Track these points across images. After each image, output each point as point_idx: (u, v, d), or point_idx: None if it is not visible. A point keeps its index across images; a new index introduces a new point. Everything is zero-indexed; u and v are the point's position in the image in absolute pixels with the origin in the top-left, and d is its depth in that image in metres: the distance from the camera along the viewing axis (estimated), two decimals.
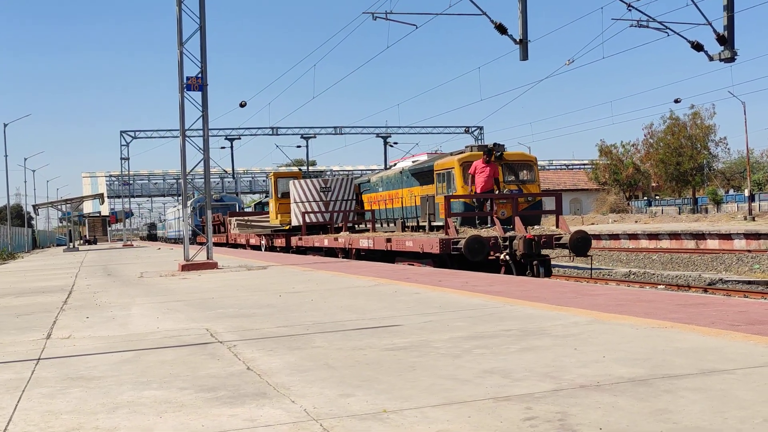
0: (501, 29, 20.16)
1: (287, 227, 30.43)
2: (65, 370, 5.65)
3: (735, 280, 21.39)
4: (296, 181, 29.13)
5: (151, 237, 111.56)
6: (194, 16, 18.24)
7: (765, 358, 4.94)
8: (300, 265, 18.11)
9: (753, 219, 47.54)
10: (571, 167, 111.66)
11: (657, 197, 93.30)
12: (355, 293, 10.50)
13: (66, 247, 53.84)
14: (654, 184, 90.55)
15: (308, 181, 28.85)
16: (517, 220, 17.66)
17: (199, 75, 18.27)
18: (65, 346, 6.84)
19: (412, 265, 17.81)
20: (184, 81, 18.11)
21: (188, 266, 17.59)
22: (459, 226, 19.99)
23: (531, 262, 16.82)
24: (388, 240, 19.85)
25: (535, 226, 20.15)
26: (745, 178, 72.21)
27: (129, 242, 63.56)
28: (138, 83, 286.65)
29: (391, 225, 25.77)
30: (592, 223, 57.99)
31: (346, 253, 23.43)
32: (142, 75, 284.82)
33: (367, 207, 29.02)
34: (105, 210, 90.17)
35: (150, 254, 33.20)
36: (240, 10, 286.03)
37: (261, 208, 49.65)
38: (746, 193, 60.36)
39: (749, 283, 21.06)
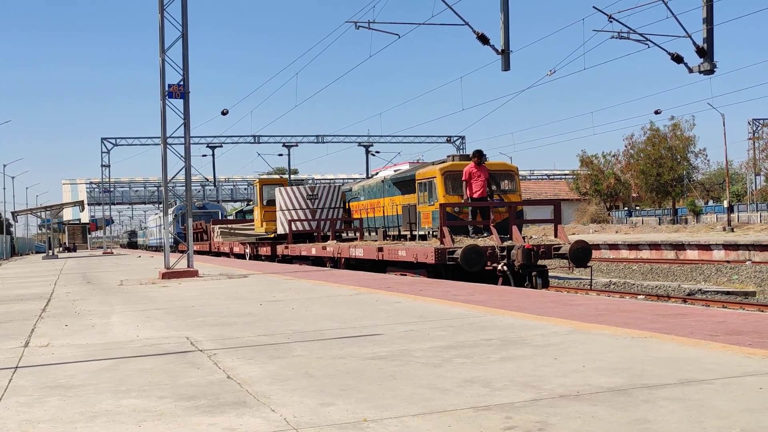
0: (483, 39, 20.26)
1: (272, 235, 29.86)
2: (43, 379, 5.61)
3: (714, 291, 21.53)
4: (282, 188, 28.60)
5: (132, 245, 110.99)
6: (176, 23, 18.22)
7: (743, 368, 4.98)
8: (281, 273, 18.08)
9: (732, 230, 47.91)
10: (552, 177, 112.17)
11: (637, 208, 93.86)
12: (336, 302, 10.49)
13: (45, 254, 53.47)
14: (634, 195, 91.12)
15: (294, 188, 28.35)
16: (515, 229, 17.20)
17: (181, 82, 18.22)
18: (43, 355, 6.79)
19: (405, 275, 17.38)
20: (166, 88, 18.06)
21: (169, 274, 17.51)
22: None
23: (530, 272, 16.19)
24: (380, 249, 19.25)
25: (533, 237, 20.06)
26: (724, 190, 72.81)
27: (109, 250, 63.24)
28: (119, 91, 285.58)
29: (373, 234, 25.70)
30: (573, 233, 58.19)
31: (335, 262, 22.86)
32: (124, 84, 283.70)
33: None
34: (85, 217, 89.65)
35: (130, 262, 33.03)
36: (222, 21, 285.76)
37: (242, 216, 49.40)
38: (725, 204, 60.81)
39: (728, 293, 21.21)
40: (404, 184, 23.46)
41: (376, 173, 36.56)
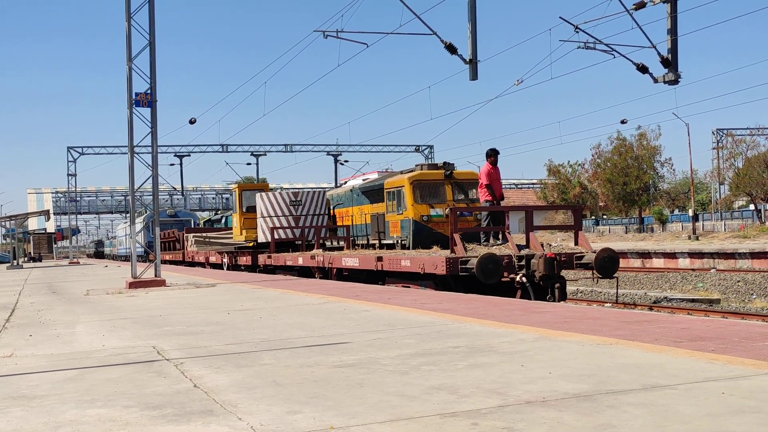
0: (451, 49, 20.35)
1: (251, 244, 28.23)
2: (6, 389, 5.54)
3: (679, 298, 21.76)
4: (263, 193, 27.00)
5: (98, 254, 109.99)
6: (144, 31, 18.12)
7: (706, 374, 5.04)
8: (249, 282, 18.01)
9: (697, 238, 48.47)
10: (520, 186, 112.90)
11: (604, 216, 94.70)
12: (304, 311, 10.47)
13: (10, 264, 52.78)
14: (601, 204, 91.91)
15: (277, 193, 26.92)
16: (533, 236, 15.71)
17: (149, 91, 18.12)
18: (7, 365, 6.70)
19: (407, 287, 16.11)
20: (133, 97, 17.95)
21: (136, 284, 17.38)
22: (409, 247, 20.05)
23: (552, 284, 14.64)
24: (379, 258, 17.53)
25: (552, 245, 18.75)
26: (689, 199, 73.72)
27: (75, 259, 62.63)
28: (86, 99, 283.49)
29: (341, 243, 25.67)
30: (540, 243, 58.51)
31: (325, 272, 21.39)
32: (90, 92, 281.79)
33: None
34: (51, 227, 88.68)
35: (97, 272, 32.72)
36: (190, 29, 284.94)
37: (210, 225, 49.02)
38: (690, 212, 61.60)
39: (693, 301, 21.44)
40: (373, 193, 23.50)
41: (345, 182, 36.57)
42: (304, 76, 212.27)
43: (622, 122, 60.80)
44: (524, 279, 14.44)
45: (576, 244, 16.41)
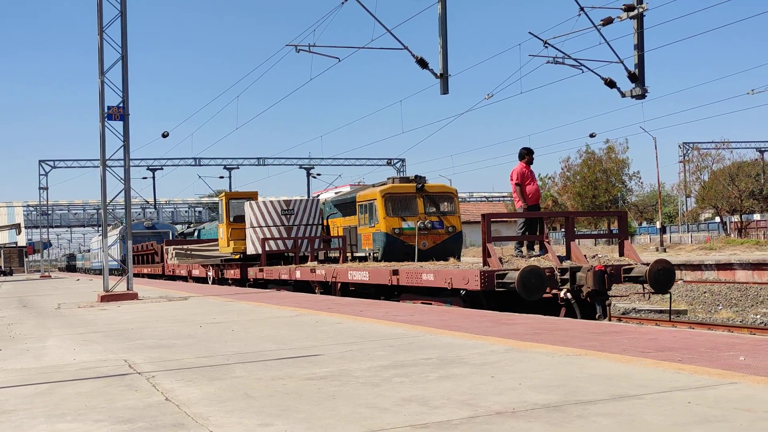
0: (422, 63, 20.45)
1: (237, 257, 26.59)
2: None
3: (647, 310, 21.97)
4: (253, 202, 25.37)
5: (71, 268, 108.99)
6: (116, 45, 18.06)
7: (673, 384, 5.13)
8: (222, 295, 17.95)
9: (664, 250, 48.98)
10: (491, 199, 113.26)
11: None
12: (276, 324, 10.47)
13: None
14: None
15: (267, 202, 25.44)
16: (574, 246, 14.07)
17: (121, 104, 18.06)
18: None
19: (429, 304, 14.31)
20: (106, 110, 17.87)
21: (108, 297, 17.27)
22: (381, 259, 20.09)
23: (602, 300, 12.89)
24: (395, 272, 15.57)
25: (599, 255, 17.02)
26: (656, 211, 74.40)
27: (47, 273, 62.00)
28: (58, 111, 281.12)
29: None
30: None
31: (326, 287, 19.56)
32: (62, 105, 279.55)
33: None
34: (22, 240, 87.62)
35: (68, 285, 32.42)
36: (163, 42, 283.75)
37: (183, 238, 48.60)
38: (658, 225, 62.20)
39: (661, 311, 21.66)
40: (345, 206, 23.54)
41: (318, 196, 36.53)
42: (277, 90, 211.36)
43: (591, 136, 61.54)
44: (569, 295, 12.78)
45: (621, 254, 14.68)
